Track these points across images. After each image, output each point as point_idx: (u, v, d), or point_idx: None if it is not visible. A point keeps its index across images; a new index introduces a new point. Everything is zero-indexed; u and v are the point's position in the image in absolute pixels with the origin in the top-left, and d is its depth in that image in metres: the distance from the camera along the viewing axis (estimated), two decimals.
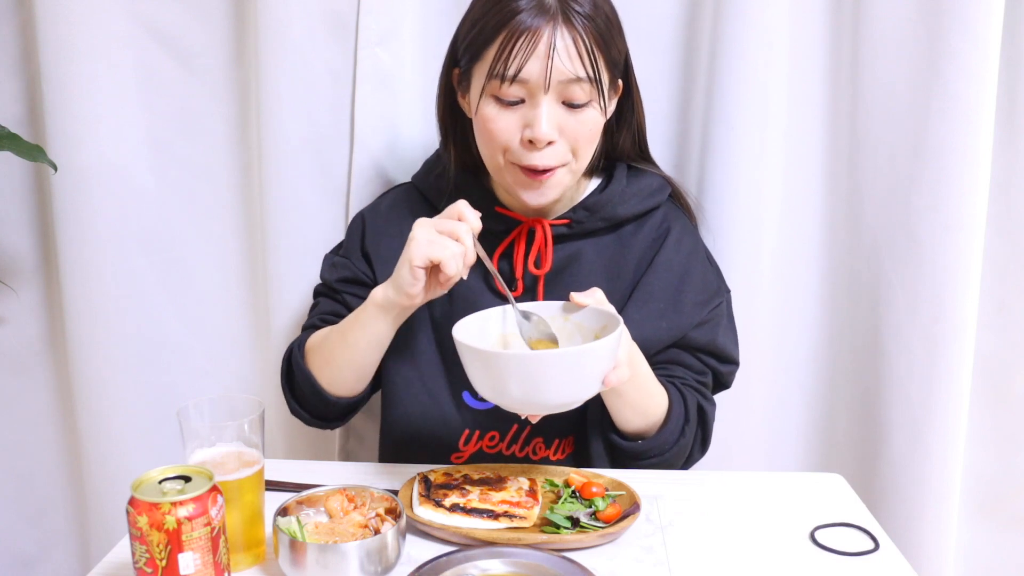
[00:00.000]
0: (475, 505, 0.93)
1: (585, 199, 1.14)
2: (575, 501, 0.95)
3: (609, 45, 1.02)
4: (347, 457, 1.44)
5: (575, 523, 0.91)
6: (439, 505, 0.93)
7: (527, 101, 1.01)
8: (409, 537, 0.91)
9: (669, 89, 1.34)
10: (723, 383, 1.19)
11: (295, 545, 0.81)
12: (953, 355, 1.30)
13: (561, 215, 1.13)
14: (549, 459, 1.14)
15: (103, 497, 1.50)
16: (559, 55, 0.98)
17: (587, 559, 0.87)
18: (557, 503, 0.95)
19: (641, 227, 1.16)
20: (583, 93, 1.01)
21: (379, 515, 0.87)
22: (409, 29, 1.30)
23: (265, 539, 0.89)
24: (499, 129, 1.03)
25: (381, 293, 1.01)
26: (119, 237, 1.40)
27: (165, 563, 0.74)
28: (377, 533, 0.84)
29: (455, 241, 0.94)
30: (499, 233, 1.12)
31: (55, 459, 1.57)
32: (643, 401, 1.05)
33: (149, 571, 0.74)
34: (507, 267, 1.13)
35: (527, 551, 0.87)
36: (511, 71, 0.98)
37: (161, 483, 0.76)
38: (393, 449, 1.20)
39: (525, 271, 1.12)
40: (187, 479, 0.76)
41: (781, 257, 1.37)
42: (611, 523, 0.91)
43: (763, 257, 1.34)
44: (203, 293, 1.46)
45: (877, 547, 0.91)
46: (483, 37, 1.01)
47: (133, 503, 0.74)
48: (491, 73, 1.00)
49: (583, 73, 0.99)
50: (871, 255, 1.34)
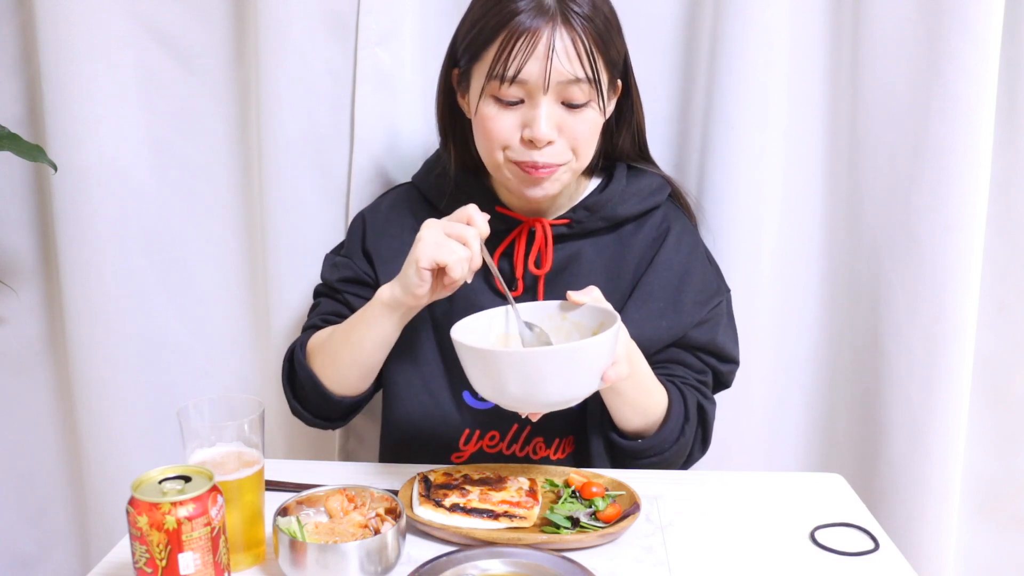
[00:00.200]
0: (475, 505, 0.93)
1: (585, 199, 1.14)
2: (575, 501, 0.95)
3: (608, 46, 1.02)
4: (347, 457, 1.44)
5: (575, 523, 0.91)
6: (439, 505, 0.93)
7: (526, 101, 1.01)
8: (409, 537, 0.91)
9: (669, 89, 1.34)
10: (723, 382, 1.19)
11: (295, 545, 0.81)
12: (953, 355, 1.30)
13: (561, 215, 1.14)
14: (549, 458, 1.15)
15: (103, 497, 1.50)
16: (558, 56, 0.98)
17: (587, 559, 0.87)
18: (557, 503, 0.95)
19: (641, 227, 1.16)
20: (582, 93, 1.01)
21: (379, 515, 0.87)
22: (409, 29, 1.30)
23: (265, 539, 0.89)
24: (498, 129, 1.03)
25: (388, 292, 1.01)
26: (119, 237, 1.40)
27: (165, 563, 0.74)
28: (377, 533, 0.84)
29: (462, 245, 0.94)
30: (499, 233, 1.12)
31: (55, 459, 1.57)
32: (642, 399, 1.05)
33: (149, 571, 0.74)
34: (507, 267, 1.13)
35: (527, 551, 0.86)
36: (510, 72, 0.98)
37: (161, 483, 0.76)
38: (393, 449, 1.20)
39: (525, 271, 1.12)
40: (187, 479, 0.76)
41: (781, 257, 1.37)
42: (611, 523, 0.91)
43: (763, 257, 1.34)
44: (203, 293, 1.46)
45: (877, 547, 0.91)
46: (483, 38, 1.01)
47: (133, 503, 0.74)
48: (490, 74, 1.00)
49: (582, 74, 0.99)
50: (871, 255, 1.34)
